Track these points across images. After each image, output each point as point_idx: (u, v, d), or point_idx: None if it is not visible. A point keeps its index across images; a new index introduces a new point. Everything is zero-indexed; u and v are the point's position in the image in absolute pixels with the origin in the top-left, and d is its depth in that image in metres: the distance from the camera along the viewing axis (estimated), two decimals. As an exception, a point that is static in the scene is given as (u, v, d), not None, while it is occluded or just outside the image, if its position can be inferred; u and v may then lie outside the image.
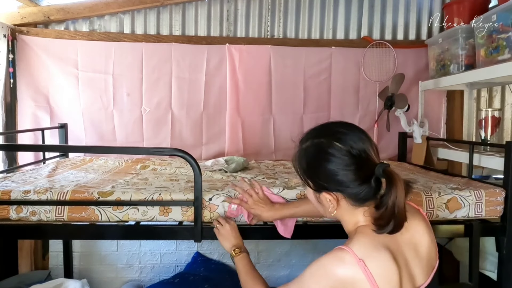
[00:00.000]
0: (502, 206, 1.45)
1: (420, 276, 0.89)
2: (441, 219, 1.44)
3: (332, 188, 0.90)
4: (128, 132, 2.46)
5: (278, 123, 2.53)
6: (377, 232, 0.86)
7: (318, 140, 0.91)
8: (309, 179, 0.94)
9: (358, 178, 0.87)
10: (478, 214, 1.44)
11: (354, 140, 0.88)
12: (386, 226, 0.84)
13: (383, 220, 0.84)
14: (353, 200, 0.89)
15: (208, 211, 1.35)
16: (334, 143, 0.88)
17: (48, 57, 2.37)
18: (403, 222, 0.85)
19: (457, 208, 1.43)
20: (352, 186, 0.87)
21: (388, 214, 0.83)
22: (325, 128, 0.95)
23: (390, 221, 0.83)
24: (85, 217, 1.33)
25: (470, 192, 1.44)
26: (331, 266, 0.83)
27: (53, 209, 1.32)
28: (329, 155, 0.88)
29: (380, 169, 0.86)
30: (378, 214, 0.86)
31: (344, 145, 0.87)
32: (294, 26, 2.58)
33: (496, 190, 1.45)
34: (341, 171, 0.87)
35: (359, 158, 0.87)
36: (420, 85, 2.45)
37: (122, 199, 1.33)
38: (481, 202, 1.43)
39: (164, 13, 2.52)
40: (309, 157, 0.92)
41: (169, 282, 2.30)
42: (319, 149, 0.90)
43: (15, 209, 1.32)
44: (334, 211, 0.93)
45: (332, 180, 0.89)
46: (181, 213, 1.34)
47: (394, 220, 0.83)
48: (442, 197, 1.42)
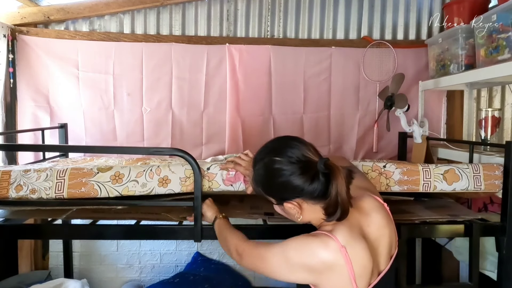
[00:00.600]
0: (501, 180, 1.46)
1: (382, 263, 1.01)
2: (439, 191, 1.44)
3: (290, 196, 0.99)
4: (128, 132, 2.46)
5: (278, 123, 2.53)
6: (326, 220, 0.97)
7: (262, 161, 1.02)
8: (270, 195, 1.04)
9: (307, 179, 0.95)
10: (477, 187, 1.44)
11: (289, 150, 0.98)
12: (333, 214, 0.94)
13: (330, 208, 0.95)
14: (312, 200, 0.98)
15: (207, 180, 1.34)
16: (274, 159, 0.98)
17: (48, 57, 2.37)
18: (347, 209, 0.95)
19: (455, 180, 1.43)
20: (305, 188, 0.95)
21: (333, 202, 0.93)
22: (264, 148, 1.05)
23: (337, 209, 0.93)
24: (85, 192, 1.31)
25: (467, 165, 1.46)
26: (317, 249, 0.91)
27: (53, 186, 1.30)
28: (275, 171, 0.98)
29: (321, 164, 0.95)
30: (325, 204, 0.96)
31: (283, 157, 0.97)
32: (294, 26, 2.58)
33: (493, 165, 1.47)
34: (290, 179, 0.96)
35: (300, 162, 0.96)
36: (420, 85, 2.45)
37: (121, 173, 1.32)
38: (479, 175, 1.44)
39: (164, 13, 2.52)
40: (261, 178, 1.03)
41: (169, 282, 2.30)
42: (265, 168, 1.01)
43: (14, 187, 1.31)
44: (300, 216, 1.01)
45: (287, 190, 0.98)
46: (180, 183, 1.33)
47: (340, 207, 0.93)
48: (439, 168, 1.43)
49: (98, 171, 1.32)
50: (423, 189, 1.43)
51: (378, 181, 1.42)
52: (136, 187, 1.31)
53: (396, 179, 1.42)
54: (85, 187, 1.31)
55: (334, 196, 0.92)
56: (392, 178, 1.42)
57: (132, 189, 1.31)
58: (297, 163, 0.96)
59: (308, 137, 2.52)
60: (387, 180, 1.42)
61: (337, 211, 0.93)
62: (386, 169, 1.42)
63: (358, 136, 2.56)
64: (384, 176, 1.43)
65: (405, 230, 1.43)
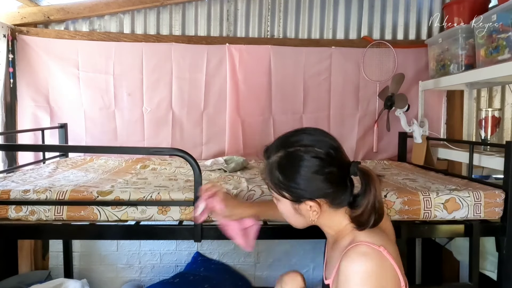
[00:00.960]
0: (501, 208, 1.44)
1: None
2: (439, 219, 1.44)
3: (313, 194, 0.89)
4: (129, 132, 2.46)
5: (278, 123, 2.53)
6: (358, 229, 0.89)
7: (286, 149, 0.91)
8: (286, 190, 0.92)
9: (336, 180, 0.89)
10: (477, 215, 1.43)
11: (326, 143, 0.90)
12: (367, 223, 0.87)
13: (363, 217, 0.87)
14: (334, 203, 0.91)
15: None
16: (308, 149, 0.89)
17: (48, 57, 2.37)
18: (382, 215, 0.89)
19: (456, 208, 1.42)
20: (332, 189, 0.89)
21: (369, 210, 0.86)
22: (294, 137, 0.94)
23: (370, 217, 0.86)
24: (84, 216, 1.33)
25: (469, 193, 1.44)
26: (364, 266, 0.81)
27: (52, 209, 1.32)
28: (306, 161, 0.88)
29: (354, 168, 0.89)
30: (359, 212, 0.87)
31: (320, 149, 0.88)
32: (294, 26, 2.58)
33: (495, 192, 1.45)
34: (319, 175, 0.87)
35: (335, 160, 0.89)
36: (420, 85, 2.45)
37: (121, 198, 1.33)
38: (480, 203, 1.43)
39: (164, 13, 2.52)
40: (284, 168, 0.90)
41: (169, 282, 2.29)
42: (294, 157, 0.89)
43: (14, 208, 1.32)
44: (315, 219, 0.93)
45: (312, 186, 0.89)
46: (180, 211, 1.34)
47: (375, 214, 0.87)
48: (440, 197, 1.42)
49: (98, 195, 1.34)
50: (423, 218, 1.43)
51: None
52: (135, 213, 1.33)
53: (397, 209, 1.41)
54: (84, 210, 1.33)
55: (372, 202, 0.86)
56: (393, 208, 1.41)
57: (131, 215, 1.33)
58: (332, 159, 0.88)
59: (308, 137, 2.53)
60: (388, 210, 1.41)
61: (370, 218, 0.86)
62: (387, 199, 1.41)
63: (358, 136, 2.56)
64: (385, 206, 1.40)
65: (405, 230, 1.42)
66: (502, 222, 1.46)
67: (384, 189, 1.49)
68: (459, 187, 1.55)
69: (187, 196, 1.34)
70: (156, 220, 1.35)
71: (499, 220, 1.46)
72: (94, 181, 1.64)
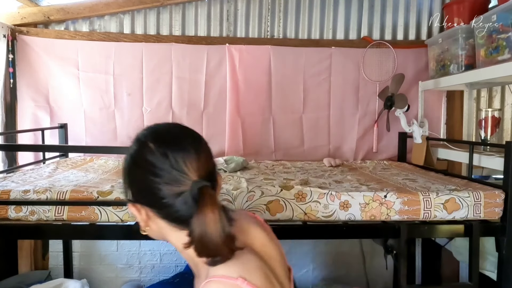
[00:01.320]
0: (501, 208, 1.45)
1: (285, 282, 0.82)
2: (439, 219, 1.44)
3: (139, 198, 0.75)
4: (129, 132, 2.46)
5: (278, 123, 2.53)
6: (209, 265, 0.70)
7: (140, 141, 0.77)
8: (127, 185, 0.78)
9: (170, 192, 0.69)
10: (476, 215, 1.43)
11: (175, 147, 0.72)
12: (201, 254, 0.68)
13: (198, 247, 0.68)
14: (168, 220, 0.73)
15: None
16: (151, 148, 0.72)
17: (48, 57, 2.37)
18: (222, 254, 0.68)
19: (455, 209, 1.43)
20: (163, 201, 0.70)
21: (196, 243, 0.67)
22: (154, 130, 0.80)
23: (203, 251, 0.68)
24: (85, 216, 1.33)
25: (468, 193, 1.44)
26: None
27: (52, 209, 1.32)
28: (143, 160, 0.72)
29: (195, 188, 0.69)
30: (189, 240, 0.68)
31: (159, 147, 0.72)
32: (294, 26, 2.58)
33: (495, 192, 1.45)
34: (148, 178, 0.70)
35: (173, 167, 0.70)
36: (420, 85, 2.45)
37: (121, 198, 1.33)
38: (479, 203, 1.43)
39: (164, 13, 2.52)
40: (129, 159, 0.77)
41: (169, 282, 2.30)
42: (138, 151, 0.75)
43: (14, 208, 1.32)
44: (145, 228, 0.78)
45: (139, 188, 0.74)
46: None
47: (207, 251, 0.67)
48: (440, 198, 1.42)
49: (98, 195, 1.34)
50: (423, 218, 1.43)
51: (379, 211, 1.41)
52: None
53: (397, 209, 1.41)
54: (85, 211, 1.33)
55: (198, 236, 0.67)
56: (392, 208, 1.41)
57: (132, 215, 1.33)
58: (174, 168, 0.70)
59: (308, 137, 2.53)
60: (388, 210, 1.41)
61: (203, 253, 0.68)
62: (387, 199, 1.41)
63: (358, 136, 2.56)
64: (385, 206, 1.42)
65: (405, 230, 1.43)
66: (502, 222, 1.46)
67: (384, 189, 1.50)
68: (459, 187, 1.56)
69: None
70: None
71: (499, 220, 1.47)
72: (94, 181, 1.64)
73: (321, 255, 2.62)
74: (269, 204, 1.39)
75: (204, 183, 0.69)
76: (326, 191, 1.42)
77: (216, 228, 0.66)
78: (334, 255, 2.63)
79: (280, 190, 1.40)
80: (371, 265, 2.63)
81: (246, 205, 1.38)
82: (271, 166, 2.22)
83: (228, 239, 0.68)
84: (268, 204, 1.39)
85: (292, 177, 1.79)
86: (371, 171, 2.08)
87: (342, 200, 1.41)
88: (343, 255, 2.63)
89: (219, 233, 0.66)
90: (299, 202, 1.40)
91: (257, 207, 1.38)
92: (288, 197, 1.39)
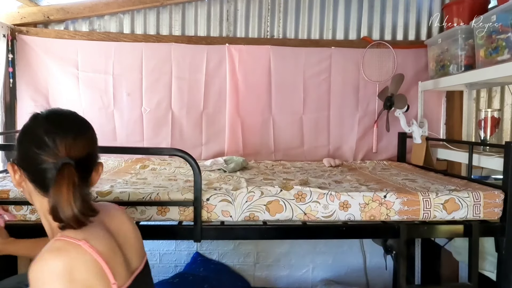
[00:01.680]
0: (501, 208, 1.45)
1: (134, 260, 0.93)
2: (438, 219, 1.44)
3: (19, 161, 0.86)
4: (128, 132, 2.46)
5: (278, 123, 2.53)
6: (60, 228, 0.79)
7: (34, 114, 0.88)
8: (14, 149, 0.89)
9: (42, 161, 0.80)
10: (476, 216, 1.44)
11: (60, 125, 0.85)
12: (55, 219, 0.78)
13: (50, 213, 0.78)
14: (35, 184, 0.83)
15: (206, 211, 1.35)
16: (39, 120, 0.85)
17: (48, 57, 2.36)
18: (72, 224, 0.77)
19: (455, 209, 1.43)
20: (35, 167, 0.81)
21: (50, 211, 0.77)
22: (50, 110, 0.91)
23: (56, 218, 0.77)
24: None
25: (468, 193, 1.44)
26: (53, 263, 0.72)
27: None
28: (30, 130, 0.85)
29: (60, 163, 0.79)
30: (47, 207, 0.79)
31: (46, 124, 0.84)
32: (293, 26, 2.58)
33: (494, 192, 1.45)
34: (30, 146, 0.81)
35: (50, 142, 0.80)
36: (419, 85, 2.45)
37: (120, 198, 1.33)
38: (479, 204, 1.43)
39: (164, 13, 2.52)
40: (21, 130, 0.87)
41: (169, 282, 2.30)
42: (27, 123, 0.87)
43: (14, 207, 1.32)
44: (18, 187, 0.89)
45: (22, 153, 0.85)
46: (179, 212, 1.34)
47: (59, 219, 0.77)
48: (439, 198, 1.42)
49: (97, 195, 1.34)
50: (423, 218, 1.43)
51: (379, 211, 1.41)
52: (135, 214, 1.33)
53: (397, 209, 1.41)
54: None
55: (51, 204, 0.77)
56: (392, 208, 1.41)
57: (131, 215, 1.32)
58: (51, 142, 0.80)
59: (308, 137, 2.53)
60: (387, 210, 1.41)
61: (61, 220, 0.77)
62: (387, 199, 1.41)
63: (358, 136, 2.56)
64: (384, 207, 1.42)
65: (405, 230, 1.43)
66: (501, 222, 1.46)
67: (383, 189, 1.50)
68: (458, 187, 1.56)
69: (186, 197, 1.34)
70: (155, 220, 1.35)
71: (499, 220, 1.47)
72: (93, 181, 1.63)
73: (321, 255, 2.62)
74: (269, 204, 1.39)
75: (68, 161, 0.80)
76: (326, 191, 1.42)
77: (67, 203, 0.76)
78: (334, 255, 2.63)
79: (279, 190, 1.40)
80: (371, 265, 2.63)
81: (246, 205, 1.38)
82: (271, 166, 2.22)
83: (80, 214, 0.77)
84: (267, 204, 1.39)
85: (292, 177, 1.79)
86: (371, 171, 2.08)
87: (342, 200, 1.41)
88: (343, 255, 2.64)
89: (71, 208, 0.76)
90: (299, 202, 1.40)
91: (256, 207, 1.38)
92: (287, 197, 1.39)
